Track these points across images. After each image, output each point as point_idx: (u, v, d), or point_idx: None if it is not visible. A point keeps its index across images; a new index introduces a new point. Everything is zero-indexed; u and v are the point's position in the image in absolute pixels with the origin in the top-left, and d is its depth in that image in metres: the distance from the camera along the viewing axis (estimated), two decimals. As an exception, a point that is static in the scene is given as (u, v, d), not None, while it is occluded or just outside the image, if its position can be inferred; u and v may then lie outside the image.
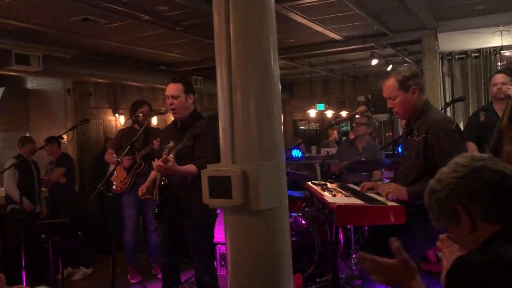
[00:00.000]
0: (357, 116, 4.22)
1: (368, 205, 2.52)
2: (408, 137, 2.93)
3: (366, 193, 2.90)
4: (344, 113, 10.60)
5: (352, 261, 4.60)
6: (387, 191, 2.79)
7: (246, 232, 1.83)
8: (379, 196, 2.80)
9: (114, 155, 3.93)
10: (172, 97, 3.26)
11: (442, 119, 2.71)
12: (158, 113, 3.44)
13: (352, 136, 10.01)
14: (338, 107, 11.30)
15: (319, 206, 2.91)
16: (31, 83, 7.35)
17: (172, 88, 3.28)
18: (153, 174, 3.47)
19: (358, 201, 2.59)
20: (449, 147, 2.57)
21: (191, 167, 3.12)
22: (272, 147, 1.86)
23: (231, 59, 1.80)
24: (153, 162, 3.11)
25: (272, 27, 1.91)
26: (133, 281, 4.87)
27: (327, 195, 2.77)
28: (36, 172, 5.35)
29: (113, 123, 7.77)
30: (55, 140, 5.46)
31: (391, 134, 11.32)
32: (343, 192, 2.94)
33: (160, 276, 4.82)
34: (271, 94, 1.86)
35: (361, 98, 11.50)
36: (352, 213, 2.48)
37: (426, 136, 2.66)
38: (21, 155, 5.16)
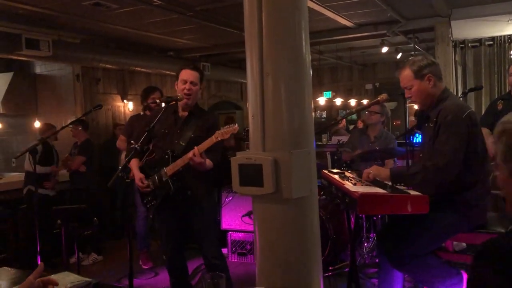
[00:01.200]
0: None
1: (391, 194, 2.49)
2: (426, 125, 2.92)
3: (387, 183, 2.88)
4: (353, 101, 10.54)
5: (364, 250, 4.60)
6: (367, 172, 2.83)
7: (276, 221, 1.81)
8: (401, 186, 2.77)
9: (132, 141, 3.87)
10: (191, 82, 3.25)
11: (453, 105, 2.68)
12: (175, 99, 3.39)
13: (360, 124, 9.98)
14: (346, 95, 11.25)
15: (338, 194, 2.88)
16: (40, 68, 7.30)
17: (192, 74, 3.27)
18: (136, 163, 3.39)
19: (380, 190, 2.57)
20: (450, 132, 2.55)
21: (210, 163, 3.12)
22: (303, 135, 1.83)
23: (262, 45, 1.76)
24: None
25: (304, 12, 1.87)
26: (144, 267, 4.89)
27: (347, 183, 2.75)
28: (56, 158, 5.38)
29: (122, 109, 7.74)
30: (80, 123, 5.47)
31: (399, 122, 11.27)
32: (363, 180, 2.91)
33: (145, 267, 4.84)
34: (302, 80, 1.82)
35: (369, 86, 11.45)
36: (375, 202, 2.45)
37: (436, 120, 2.65)
38: (44, 138, 5.16)
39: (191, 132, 3.22)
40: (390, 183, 2.80)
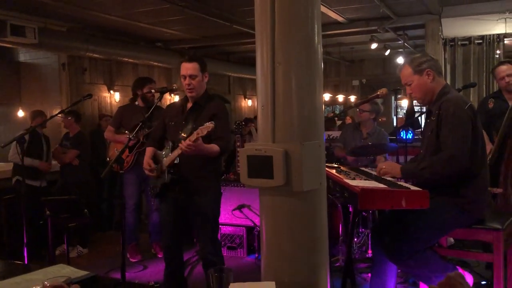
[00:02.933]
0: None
1: (392, 189, 2.48)
2: (428, 120, 2.93)
3: (384, 177, 2.87)
4: (340, 97, 10.57)
5: (355, 245, 4.61)
6: (380, 167, 2.85)
7: (285, 214, 1.77)
8: (400, 181, 2.77)
9: (127, 131, 3.80)
10: (190, 76, 3.14)
11: (455, 98, 2.70)
12: (170, 89, 3.33)
13: (349, 120, 10.01)
14: (333, 91, 11.27)
15: (336, 189, 2.87)
16: (24, 56, 7.11)
17: (189, 67, 3.15)
18: (150, 149, 3.38)
19: (381, 185, 2.56)
20: (454, 123, 2.56)
21: (214, 146, 3.05)
22: (314, 127, 1.79)
23: (274, 33, 1.72)
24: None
25: (316, 1, 1.83)
26: (132, 260, 4.80)
27: (346, 178, 2.73)
28: (46, 147, 5.20)
29: (108, 99, 7.60)
30: (73, 114, 5.34)
31: (384, 119, 11.35)
32: (361, 175, 2.90)
33: (160, 256, 4.77)
34: (314, 71, 1.78)
35: (356, 83, 11.51)
36: (375, 196, 2.44)
37: (438, 113, 2.65)
38: (32, 127, 5.01)
39: (193, 123, 3.16)
40: (388, 178, 2.81)
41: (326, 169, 3.16)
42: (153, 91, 4.21)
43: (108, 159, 4.84)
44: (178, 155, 3.01)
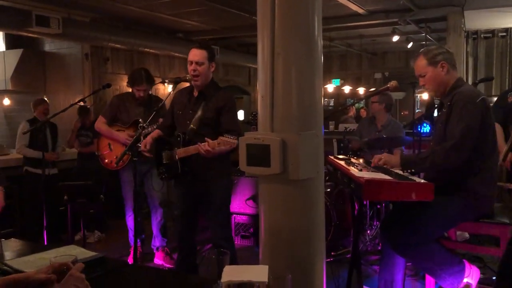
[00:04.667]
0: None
1: (397, 180, 2.49)
2: (439, 112, 2.92)
3: (392, 170, 2.88)
4: (361, 90, 10.48)
5: (367, 237, 4.62)
6: (379, 158, 2.84)
7: (282, 202, 1.81)
8: (407, 173, 2.77)
9: (140, 120, 3.79)
10: (197, 63, 3.16)
11: (468, 90, 2.68)
12: (184, 79, 3.37)
13: (363, 113, 9.92)
14: (354, 83, 11.18)
15: (343, 180, 2.89)
16: (49, 46, 7.31)
17: (197, 54, 3.17)
18: (155, 132, 3.45)
19: (386, 177, 2.57)
20: (462, 115, 2.54)
21: (231, 146, 2.97)
22: (312, 117, 1.82)
23: (275, 24, 1.75)
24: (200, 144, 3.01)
25: (317, -7, 1.86)
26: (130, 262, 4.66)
27: (353, 169, 2.75)
28: (51, 135, 5.22)
29: (130, 89, 7.73)
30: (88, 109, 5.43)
31: (407, 113, 11.22)
32: (369, 167, 2.91)
33: (155, 261, 4.60)
34: (313, 62, 1.81)
35: (378, 75, 11.38)
36: (380, 188, 2.45)
37: (450, 104, 2.64)
38: (35, 118, 5.15)
39: (199, 113, 3.20)
40: (396, 171, 2.82)
41: (336, 160, 3.20)
42: (166, 80, 4.22)
43: (96, 153, 4.38)
44: (194, 153, 3.07)
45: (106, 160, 4.24)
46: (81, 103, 4.81)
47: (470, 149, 2.52)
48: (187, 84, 3.37)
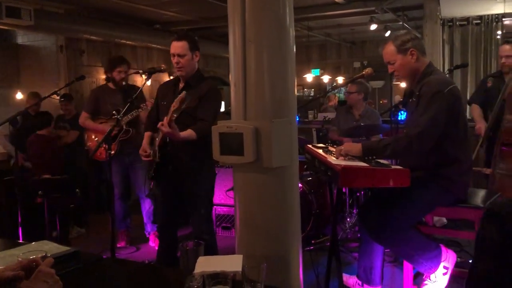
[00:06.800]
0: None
1: (373, 167, 2.50)
2: (410, 100, 2.92)
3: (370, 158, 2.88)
4: (340, 79, 10.52)
5: (347, 225, 4.66)
6: (339, 149, 2.78)
7: (256, 190, 1.80)
8: (383, 160, 2.79)
9: (114, 112, 3.76)
10: (179, 55, 3.11)
11: (436, 79, 2.66)
12: (158, 70, 3.32)
13: (331, 102, 9.93)
14: (334, 73, 11.21)
15: (321, 168, 2.89)
16: (22, 39, 7.14)
17: (178, 46, 3.11)
18: (147, 134, 3.40)
19: (362, 164, 2.58)
20: (429, 105, 2.54)
21: (191, 135, 2.98)
22: (285, 105, 1.81)
23: (245, 10, 1.72)
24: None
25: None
26: (118, 245, 4.73)
27: (330, 157, 2.75)
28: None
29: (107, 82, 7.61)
30: (70, 98, 5.35)
31: (385, 101, 11.31)
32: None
33: (151, 244, 4.73)
34: (285, 50, 1.79)
35: (357, 64, 11.43)
36: (356, 175, 2.46)
37: (419, 94, 2.64)
38: (26, 110, 5.05)
39: (183, 104, 3.15)
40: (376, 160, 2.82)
41: (313, 149, 3.20)
42: (140, 71, 4.14)
43: (86, 147, 4.50)
44: (162, 136, 3.02)
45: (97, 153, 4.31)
46: (56, 96, 4.76)
47: (433, 140, 2.53)
48: (163, 75, 3.33)
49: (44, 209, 3.82)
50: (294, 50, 1.84)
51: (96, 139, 4.33)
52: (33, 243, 2.06)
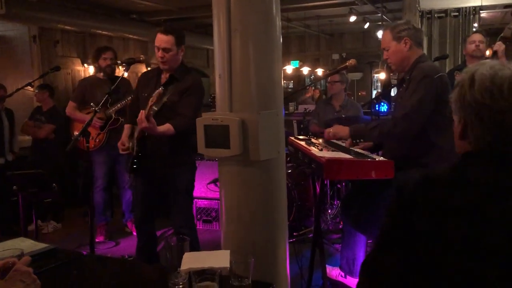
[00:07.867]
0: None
1: (357, 159, 2.49)
2: (400, 88, 2.93)
3: (352, 148, 2.88)
4: (319, 71, 10.54)
5: (328, 216, 4.67)
6: (328, 131, 2.85)
7: (243, 183, 1.76)
8: (366, 152, 2.78)
9: (92, 103, 3.67)
10: (164, 50, 3.02)
11: (428, 66, 2.70)
12: (137, 60, 3.24)
13: (316, 93, 9.96)
14: (313, 65, 11.21)
15: (304, 160, 2.87)
16: (-8, 28, 6.89)
17: (163, 40, 3.03)
18: (127, 127, 3.32)
19: (346, 156, 2.56)
20: (418, 88, 2.56)
21: (169, 129, 2.93)
22: (272, 96, 1.77)
23: (230, -1, 1.67)
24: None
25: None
26: (97, 240, 4.68)
27: (314, 149, 2.73)
28: (7, 121, 5.01)
29: (82, 73, 7.43)
30: (47, 88, 5.20)
31: (364, 93, 11.39)
32: (329, 147, 2.90)
33: (135, 234, 4.71)
34: (272, 40, 1.75)
35: (336, 56, 11.46)
36: (340, 167, 2.44)
37: (409, 78, 2.66)
38: None
39: (165, 97, 3.07)
40: (355, 149, 2.82)
41: (296, 141, 3.18)
42: (119, 62, 4.06)
43: (72, 138, 4.40)
44: (140, 129, 2.95)
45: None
46: (30, 88, 4.63)
47: (420, 122, 2.55)
48: (141, 66, 3.25)
49: (19, 204, 3.70)
50: (281, 40, 1.80)
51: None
52: (9, 240, 1.98)
